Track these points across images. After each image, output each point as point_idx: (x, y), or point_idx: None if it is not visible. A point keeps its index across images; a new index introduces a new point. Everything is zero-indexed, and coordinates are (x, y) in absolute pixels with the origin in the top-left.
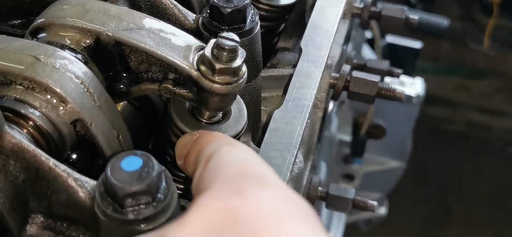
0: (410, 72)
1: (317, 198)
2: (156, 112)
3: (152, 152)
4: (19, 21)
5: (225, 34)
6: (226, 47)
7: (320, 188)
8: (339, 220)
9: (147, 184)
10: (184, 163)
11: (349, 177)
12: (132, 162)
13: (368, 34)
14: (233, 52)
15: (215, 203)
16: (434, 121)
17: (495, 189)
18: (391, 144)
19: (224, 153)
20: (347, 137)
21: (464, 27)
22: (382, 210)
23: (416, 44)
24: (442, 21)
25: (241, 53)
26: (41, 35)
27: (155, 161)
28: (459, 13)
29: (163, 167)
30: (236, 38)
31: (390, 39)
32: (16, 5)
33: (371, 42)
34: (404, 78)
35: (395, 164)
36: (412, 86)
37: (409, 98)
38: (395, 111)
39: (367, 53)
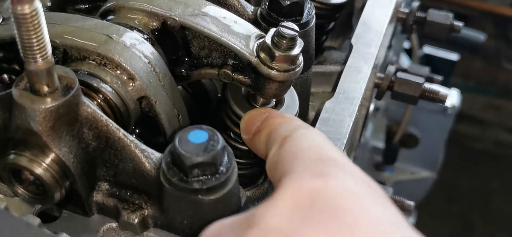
0: (445, 84)
1: None
2: (209, 99)
3: None
4: (85, 6)
5: (285, 23)
6: (286, 36)
7: None
8: None
9: (212, 156)
10: (251, 139)
11: (380, 184)
12: (198, 135)
13: (406, 44)
14: (292, 41)
15: (300, 185)
16: (462, 138)
17: None
18: (423, 154)
19: (301, 136)
20: (380, 144)
21: (497, 45)
22: (410, 220)
23: (453, 56)
24: (479, 36)
25: (300, 43)
26: (110, 17)
27: (220, 136)
28: (493, 32)
29: (226, 143)
30: (296, 27)
31: (428, 50)
32: None
33: (408, 52)
34: (439, 88)
35: (426, 174)
36: (448, 97)
37: (444, 108)
38: (429, 121)
39: (405, 63)
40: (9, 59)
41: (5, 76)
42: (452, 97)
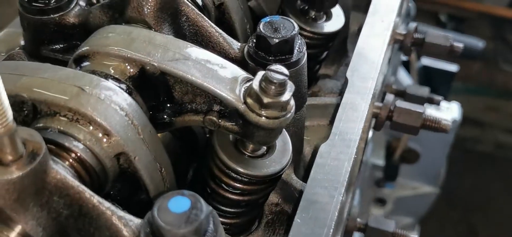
0: (445, 95)
1: (356, 229)
2: (197, 141)
3: (192, 182)
4: (61, 45)
5: (274, 67)
6: (275, 81)
7: (359, 220)
8: None
9: (195, 227)
10: None
11: (381, 201)
12: (179, 203)
13: (403, 57)
14: (282, 86)
15: None
16: (462, 141)
17: None
18: (425, 169)
19: None
20: (380, 161)
21: (496, 47)
22: (414, 235)
23: (452, 67)
24: (477, 43)
25: (290, 87)
26: (85, 63)
27: (203, 202)
28: (490, 34)
29: (211, 208)
30: (286, 71)
31: (426, 61)
32: (59, 29)
33: (406, 64)
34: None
35: (428, 190)
36: (448, 110)
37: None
38: (430, 136)
39: (403, 76)
40: None
41: None
42: (453, 111)
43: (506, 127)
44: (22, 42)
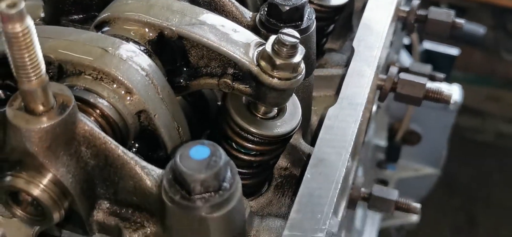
0: (446, 79)
1: (360, 198)
2: (209, 107)
3: None
4: (80, 16)
5: (286, 30)
6: (287, 43)
7: (363, 189)
8: (373, 225)
9: (215, 172)
10: None
11: (383, 182)
12: (200, 151)
13: (405, 40)
14: (293, 48)
15: None
16: (462, 131)
17: None
18: (426, 151)
19: None
20: (382, 142)
21: (497, 37)
22: (414, 218)
23: (453, 51)
24: (478, 29)
25: (301, 50)
26: (105, 28)
27: (222, 151)
28: (492, 23)
29: (229, 158)
30: (297, 34)
31: (428, 45)
32: (78, 0)
33: (408, 48)
34: (443, 88)
35: (429, 171)
36: (449, 92)
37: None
38: (431, 118)
39: (405, 58)
40: (3, 75)
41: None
42: (454, 93)
43: (507, 117)
44: (42, 14)
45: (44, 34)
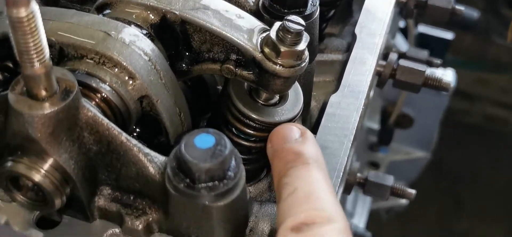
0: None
1: (355, 184)
2: (209, 93)
3: None
4: None
5: (291, 17)
6: (292, 31)
7: (358, 174)
8: (363, 207)
9: (220, 161)
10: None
11: (375, 165)
12: (205, 140)
13: (400, 24)
14: (298, 36)
15: None
16: (451, 113)
17: (509, 184)
18: (418, 134)
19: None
20: (375, 125)
21: (488, 20)
22: (404, 200)
23: (448, 35)
24: (472, 13)
25: (305, 37)
26: (106, 11)
27: (227, 140)
28: (483, 6)
29: (233, 147)
30: (302, 22)
31: (422, 29)
32: None
33: (403, 31)
34: (442, 75)
35: (420, 154)
36: (443, 77)
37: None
38: (424, 101)
39: (401, 42)
40: (1, 57)
41: None
42: (448, 77)
43: (495, 100)
44: None
45: (45, 15)
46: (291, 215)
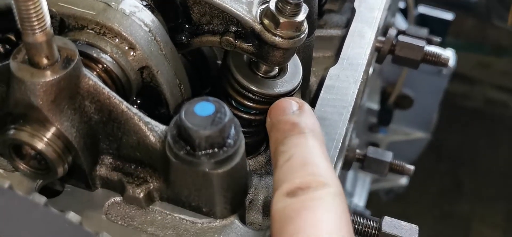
0: (441, 43)
1: (355, 160)
2: (208, 66)
3: None
4: None
5: None
6: (291, 1)
7: (358, 150)
8: (363, 187)
9: (220, 129)
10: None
11: (374, 146)
12: (205, 108)
13: (400, 4)
14: (297, 7)
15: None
16: (451, 97)
17: (508, 166)
18: (417, 115)
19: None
20: (375, 106)
21: (488, 3)
22: (403, 181)
23: (448, 15)
24: None
25: (304, 8)
26: None
27: (227, 108)
28: None
29: (233, 115)
30: None
31: (422, 9)
32: None
33: (403, 12)
34: (434, 48)
35: (420, 135)
36: (446, 56)
37: (439, 69)
38: (424, 82)
39: (400, 22)
40: (3, 29)
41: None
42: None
43: (496, 83)
44: None
45: None
46: (286, 181)
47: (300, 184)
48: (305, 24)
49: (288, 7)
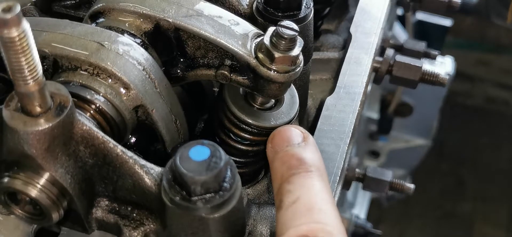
0: (439, 49)
1: (354, 179)
2: (205, 94)
3: (201, 134)
4: (73, 1)
5: (284, 22)
6: (286, 36)
7: (357, 170)
8: (364, 196)
9: (215, 174)
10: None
11: (375, 154)
12: (200, 152)
13: (398, 11)
14: (292, 41)
15: None
16: (452, 95)
17: (510, 165)
18: (418, 122)
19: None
20: (374, 115)
21: (488, 1)
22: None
23: (446, 22)
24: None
25: (300, 42)
26: (100, 19)
27: (222, 151)
28: None
29: (229, 157)
30: (296, 27)
31: (420, 16)
32: None
33: (401, 19)
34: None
35: (420, 142)
36: (441, 65)
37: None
38: (423, 90)
39: (398, 31)
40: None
41: None
42: (447, 65)
43: (496, 81)
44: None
45: (38, 27)
46: (292, 226)
47: (307, 232)
48: (301, 58)
49: (283, 42)
